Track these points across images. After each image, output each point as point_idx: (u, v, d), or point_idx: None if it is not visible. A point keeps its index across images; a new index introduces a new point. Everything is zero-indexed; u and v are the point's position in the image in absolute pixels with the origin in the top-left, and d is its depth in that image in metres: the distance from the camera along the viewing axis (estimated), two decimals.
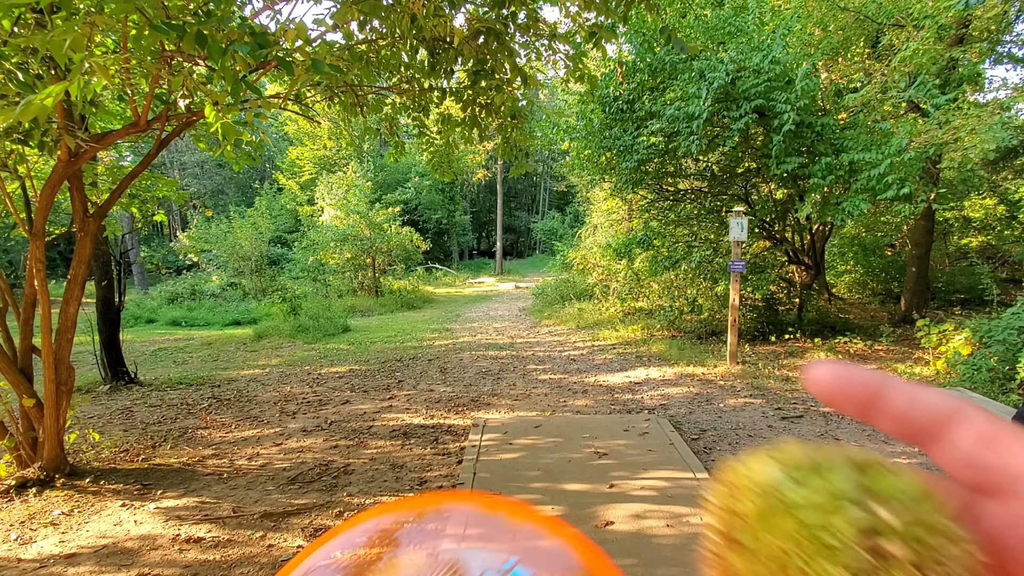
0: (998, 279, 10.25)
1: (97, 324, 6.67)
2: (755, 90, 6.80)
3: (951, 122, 6.49)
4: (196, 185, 30.06)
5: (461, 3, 4.00)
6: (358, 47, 3.92)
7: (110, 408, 5.89)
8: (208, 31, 2.37)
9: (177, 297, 16.78)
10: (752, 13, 7.61)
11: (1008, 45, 9.81)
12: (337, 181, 18.91)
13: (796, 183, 7.77)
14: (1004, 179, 11.96)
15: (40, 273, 3.70)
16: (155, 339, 11.07)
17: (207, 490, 3.80)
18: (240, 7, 4.24)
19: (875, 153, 6.38)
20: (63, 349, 3.88)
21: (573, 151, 9.53)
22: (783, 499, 0.23)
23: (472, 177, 33.50)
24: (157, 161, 17.69)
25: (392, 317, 13.99)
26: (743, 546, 0.24)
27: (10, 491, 3.72)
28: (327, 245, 17.41)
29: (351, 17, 3.51)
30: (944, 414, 0.27)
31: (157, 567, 2.88)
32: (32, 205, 3.90)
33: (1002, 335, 5.77)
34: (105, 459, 4.36)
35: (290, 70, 2.71)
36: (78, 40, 2.12)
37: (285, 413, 5.58)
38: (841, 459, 0.24)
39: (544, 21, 4.42)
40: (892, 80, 7.03)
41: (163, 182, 6.42)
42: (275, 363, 8.25)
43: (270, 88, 5.18)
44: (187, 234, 18.81)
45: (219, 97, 2.77)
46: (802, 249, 9.26)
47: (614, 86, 8.36)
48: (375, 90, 4.80)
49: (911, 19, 7.32)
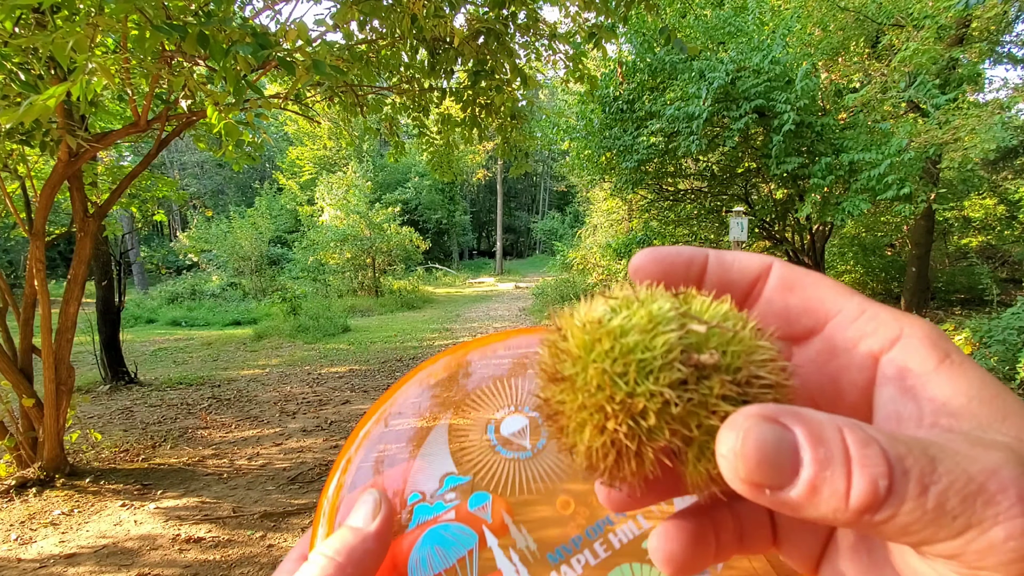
0: (998, 279, 10.25)
1: (97, 324, 6.67)
2: (755, 90, 6.80)
3: (951, 122, 6.49)
4: (196, 185, 30.06)
5: (461, 3, 4.00)
6: (358, 47, 3.92)
7: (110, 408, 5.89)
8: (210, 32, 2.37)
9: (177, 297, 16.78)
10: (752, 13, 7.61)
11: (1008, 45, 9.82)
12: (337, 181, 18.91)
13: (796, 183, 7.77)
14: (1004, 179, 11.96)
15: (40, 273, 3.70)
16: (155, 339, 11.07)
17: (207, 490, 3.80)
18: (241, 7, 4.24)
19: (875, 153, 6.38)
20: (63, 349, 3.88)
21: (573, 151, 9.53)
22: (606, 328, 0.23)
23: (472, 177, 33.50)
24: (157, 161, 17.65)
25: (392, 317, 13.99)
26: (569, 380, 0.24)
27: (10, 491, 3.72)
28: (327, 245, 17.41)
29: (351, 17, 3.51)
30: (755, 273, 0.28)
31: (157, 567, 2.88)
32: (32, 205, 3.90)
33: (1002, 335, 5.77)
34: (105, 459, 4.36)
35: (291, 70, 2.71)
36: (81, 41, 2.12)
37: (285, 413, 5.58)
38: (662, 292, 0.25)
39: (544, 21, 4.42)
40: (892, 80, 7.03)
41: (163, 182, 6.42)
42: (275, 363, 8.24)
43: (270, 88, 5.18)
44: (187, 234, 18.81)
45: (220, 97, 2.77)
46: (802, 249, 9.26)
47: (614, 86, 8.36)
48: (375, 90, 4.80)
49: (911, 19, 7.31)
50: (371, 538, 0.30)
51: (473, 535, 0.33)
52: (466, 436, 0.36)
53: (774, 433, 0.19)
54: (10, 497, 3.66)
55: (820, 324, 0.26)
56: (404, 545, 0.33)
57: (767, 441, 0.19)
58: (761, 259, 0.27)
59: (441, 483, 0.35)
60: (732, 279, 0.28)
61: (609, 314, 0.23)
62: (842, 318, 0.25)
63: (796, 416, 0.20)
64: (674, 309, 0.23)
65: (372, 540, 0.30)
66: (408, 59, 4.48)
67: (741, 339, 0.23)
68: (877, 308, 0.25)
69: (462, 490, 0.35)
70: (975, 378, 0.22)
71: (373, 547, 0.30)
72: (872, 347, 0.24)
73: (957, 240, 13.20)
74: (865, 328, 0.24)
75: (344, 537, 0.30)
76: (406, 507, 0.34)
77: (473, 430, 0.37)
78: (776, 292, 0.27)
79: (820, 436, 0.19)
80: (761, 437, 0.19)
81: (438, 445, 0.36)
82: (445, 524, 0.34)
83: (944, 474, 0.18)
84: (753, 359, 0.23)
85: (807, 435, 0.19)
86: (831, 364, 0.25)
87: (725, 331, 0.23)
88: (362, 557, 0.29)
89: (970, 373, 0.22)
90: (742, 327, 0.24)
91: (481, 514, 0.34)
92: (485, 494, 0.35)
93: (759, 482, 0.19)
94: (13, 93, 2.77)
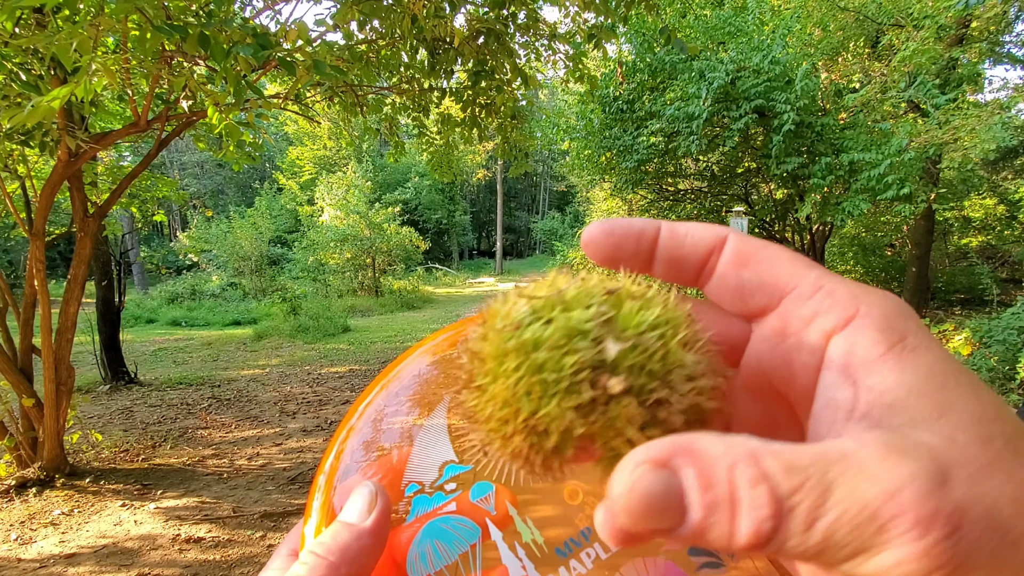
0: (998, 279, 10.24)
1: (97, 324, 6.67)
2: (755, 90, 6.80)
3: (951, 122, 6.49)
4: (196, 185, 30.06)
5: (461, 3, 4.00)
6: (358, 47, 3.92)
7: (110, 408, 5.89)
8: (211, 33, 2.37)
9: (177, 297, 16.78)
10: (752, 13, 7.61)
11: (1008, 45, 9.82)
12: (337, 181, 18.91)
13: (796, 183, 7.77)
14: (1004, 179, 11.96)
15: (40, 273, 3.70)
16: (155, 339, 11.07)
17: (207, 490, 3.80)
18: (242, 8, 4.24)
19: (875, 153, 6.38)
20: (63, 349, 3.88)
21: (573, 151, 9.53)
22: (519, 339, 0.22)
23: (472, 177, 33.50)
24: (157, 161, 17.64)
25: (392, 317, 13.99)
26: (481, 388, 0.23)
27: (10, 491, 3.72)
28: (327, 245, 17.41)
29: (351, 18, 3.51)
30: (707, 246, 0.26)
31: (157, 567, 2.88)
32: (32, 205, 3.90)
33: (1002, 335, 5.77)
34: (105, 459, 4.36)
35: (292, 71, 2.71)
36: (84, 42, 2.12)
37: (285, 413, 5.58)
38: (597, 293, 0.23)
39: (544, 21, 4.43)
40: (892, 80, 7.03)
41: (163, 182, 6.42)
42: (275, 363, 8.24)
43: (270, 88, 5.18)
44: (187, 234, 18.81)
45: (220, 98, 2.77)
46: (802, 249, 9.25)
47: (614, 86, 8.36)
48: (375, 90, 4.80)
49: (911, 19, 7.31)
50: (366, 535, 0.28)
51: (476, 528, 0.31)
52: None
53: (661, 481, 0.19)
54: (10, 497, 3.66)
55: (775, 300, 0.25)
56: (402, 539, 0.31)
57: (654, 493, 0.19)
58: (715, 231, 0.26)
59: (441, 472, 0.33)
60: (684, 253, 0.26)
61: (528, 318, 0.22)
62: (798, 294, 0.24)
63: (687, 457, 0.19)
64: (597, 318, 0.22)
65: (368, 537, 0.28)
66: (408, 59, 4.48)
67: (664, 356, 0.22)
68: (835, 283, 0.23)
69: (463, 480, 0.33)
70: (924, 367, 0.21)
71: (369, 544, 0.28)
72: (824, 327, 0.23)
73: (957, 240, 13.20)
74: (820, 306, 0.23)
75: (337, 534, 0.27)
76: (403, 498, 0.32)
77: None
78: (729, 267, 0.25)
79: (709, 479, 0.19)
80: (647, 489, 0.19)
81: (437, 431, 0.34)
82: (445, 516, 0.32)
83: (835, 505, 0.18)
84: (671, 379, 0.22)
85: (696, 478, 0.19)
86: (784, 344, 0.24)
87: (647, 347, 0.22)
88: (357, 555, 0.27)
89: (920, 361, 0.21)
90: (671, 336, 0.22)
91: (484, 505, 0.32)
92: (488, 484, 0.33)
93: (649, 529, 0.20)
94: (14, 94, 2.77)
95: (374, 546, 0.28)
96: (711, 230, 0.26)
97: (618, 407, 0.21)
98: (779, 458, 0.19)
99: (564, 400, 0.21)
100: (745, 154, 8.36)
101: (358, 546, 0.27)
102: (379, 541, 0.28)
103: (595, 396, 0.21)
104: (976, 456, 0.19)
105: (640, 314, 0.22)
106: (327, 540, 0.27)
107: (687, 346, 0.23)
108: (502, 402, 0.22)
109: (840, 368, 0.22)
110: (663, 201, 9.92)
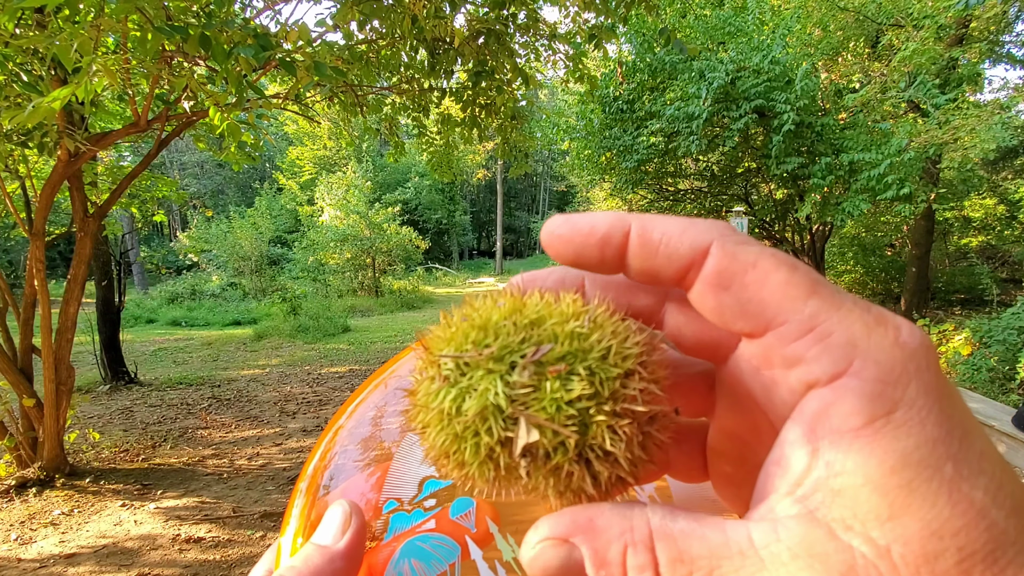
0: (998, 279, 10.25)
1: (97, 324, 6.67)
2: (755, 90, 6.80)
3: (951, 122, 6.49)
4: (196, 185, 30.05)
5: (461, 3, 4.00)
6: (358, 47, 3.92)
7: (110, 408, 5.89)
8: (212, 34, 2.37)
9: (177, 297, 16.78)
10: (752, 13, 7.61)
11: (1008, 46, 9.82)
12: (337, 181, 18.91)
13: (796, 183, 7.77)
14: (1004, 179, 11.96)
15: (40, 273, 3.70)
16: (155, 339, 11.07)
17: (207, 490, 3.80)
18: (243, 8, 4.24)
19: (875, 153, 6.38)
20: (63, 349, 3.88)
21: (573, 151, 9.53)
22: (440, 406, 0.23)
23: (472, 177, 33.49)
24: (157, 161, 17.60)
25: (392, 317, 13.98)
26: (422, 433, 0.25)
27: (10, 491, 3.72)
28: (327, 245, 17.41)
29: (351, 18, 3.51)
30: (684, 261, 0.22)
31: (157, 567, 2.88)
32: (32, 205, 3.90)
33: (1002, 335, 5.77)
34: (105, 459, 4.36)
35: (293, 72, 2.71)
36: (85, 44, 2.12)
37: (285, 413, 5.58)
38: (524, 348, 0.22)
39: (544, 21, 4.43)
40: (892, 80, 7.04)
41: (163, 182, 6.41)
42: (275, 363, 8.24)
43: (270, 88, 5.18)
44: (187, 234, 18.81)
45: (221, 98, 2.77)
46: (802, 249, 9.25)
47: (614, 86, 8.36)
48: (375, 90, 4.80)
49: (911, 19, 7.31)
50: (339, 557, 0.26)
51: (455, 547, 0.31)
52: None
53: (560, 557, 0.21)
54: (10, 497, 3.66)
55: (758, 331, 0.21)
56: (379, 559, 0.30)
57: (552, 567, 0.21)
58: (693, 240, 0.22)
59: (420, 488, 0.33)
60: (657, 265, 0.23)
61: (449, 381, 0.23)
62: (784, 332, 0.20)
63: (585, 535, 0.21)
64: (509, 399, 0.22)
65: (340, 560, 0.26)
66: (408, 59, 4.48)
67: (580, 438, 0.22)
68: (834, 322, 0.19)
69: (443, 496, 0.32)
70: (897, 452, 0.17)
71: (341, 567, 0.26)
72: (806, 376, 0.20)
73: (957, 240, 13.20)
74: (808, 351, 0.20)
75: (309, 557, 0.26)
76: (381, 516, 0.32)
77: None
78: (708, 288, 0.22)
79: (602, 559, 0.20)
80: (547, 563, 0.21)
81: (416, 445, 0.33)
82: (424, 535, 0.31)
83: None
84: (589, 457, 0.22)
85: (591, 557, 0.20)
86: (765, 373, 0.22)
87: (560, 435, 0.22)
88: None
89: (897, 444, 0.17)
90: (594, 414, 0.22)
91: (464, 522, 0.32)
92: (469, 500, 0.32)
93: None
94: (14, 94, 2.77)
95: (347, 569, 0.27)
96: (689, 238, 0.22)
97: (534, 478, 0.22)
98: (671, 546, 0.19)
99: (481, 467, 0.23)
100: (745, 154, 8.36)
101: (330, 570, 0.26)
102: (353, 564, 0.27)
103: (509, 466, 0.22)
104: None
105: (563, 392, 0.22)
106: (298, 564, 0.26)
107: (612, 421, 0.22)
108: (435, 447, 0.24)
109: (806, 430, 0.19)
110: (663, 201, 9.92)
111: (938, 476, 0.17)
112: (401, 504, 0.32)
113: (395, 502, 0.32)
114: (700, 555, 0.18)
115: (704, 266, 0.22)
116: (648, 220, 0.23)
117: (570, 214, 0.24)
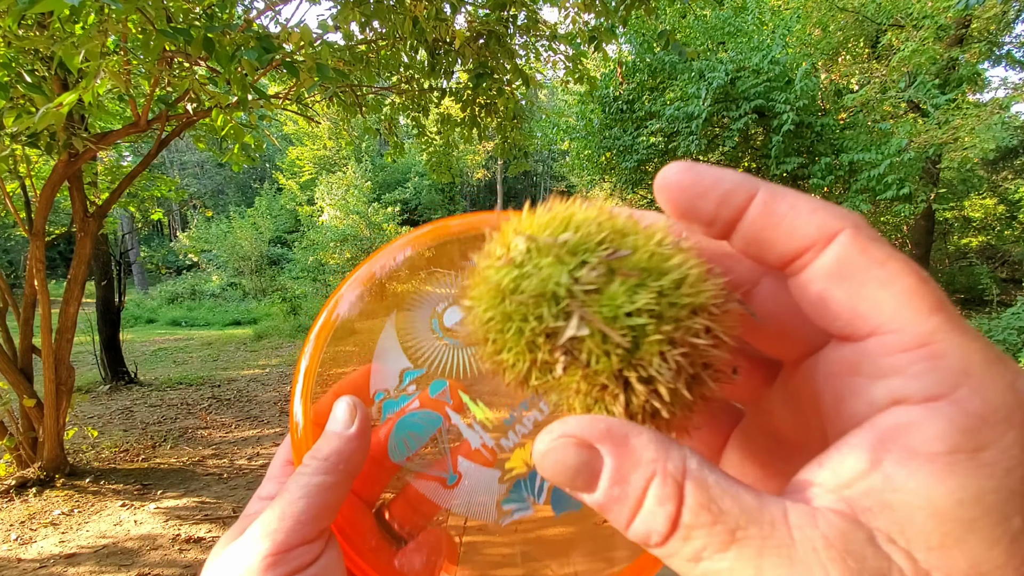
0: (998, 279, 10.25)
1: (97, 324, 6.67)
2: (755, 90, 6.80)
3: (951, 122, 6.50)
4: (196, 185, 30.04)
5: (461, 4, 4.00)
6: (358, 48, 3.92)
7: (110, 408, 5.89)
8: (215, 36, 2.37)
9: (177, 297, 16.78)
10: (752, 13, 7.61)
11: (1007, 46, 9.82)
12: (337, 181, 18.90)
13: (796, 183, 7.77)
14: (1004, 179, 11.96)
15: (40, 273, 3.70)
16: (155, 339, 11.07)
17: (207, 490, 3.80)
18: (246, 11, 4.25)
19: (875, 153, 6.38)
20: (63, 349, 3.88)
21: (573, 151, 9.53)
22: (499, 282, 0.23)
23: (472, 177, 33.49)
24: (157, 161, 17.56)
25: None
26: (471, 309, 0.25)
27: (10, 491, 3.72)
28: (327, 245, 17.39)
29: (352, 19, 3.51)
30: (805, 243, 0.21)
31: (157, 567, 2.88)
32: (32, 205, 3.90)
33: (1002, 335, 5.77)
34: (105, 459, 4.36)
35: (295, 73, 2.71)
36: (92, 49, 2.13)
37: (285, 413, 5.58)
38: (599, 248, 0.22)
39: (544, 22, 4.43)
40: (892, 80, 7.04)
41: (163, 182, 6.42)
42: (275, 363, 8.25)
43: (270, 88, 5.18)
44: (187, 234, 18.82)
45: (222, 99, 2.77)
46: None
47: (614, 86, 8.36)
48: (375, 90, 4.80)
49: (910, 19, 7.32)
50: (354, 438, 0.32)
51: (438, 417, 0.38)
52: (414, 333, 0.40)
53: (576, 459, 0.20)
54: (10, 497, 3.66)
55: (860, 334, 0.20)
56: (380, 436, 0.37)
57: (565, 466, 0.20)
58: (822, 223, 0.20)
59: (401, 378, 0.39)
60: (774, 238, 0.21)
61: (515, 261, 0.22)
62: (893, 340, 0.19)
63: (614, 448, 0.20)
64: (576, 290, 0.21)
65: (355, 440, 0.32)
66: (408, 60, 4.48)
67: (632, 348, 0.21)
68: (953, 344, 0.18)
69: (421, 381, 0.39)
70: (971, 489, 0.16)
71: (357, 445, 0.32)
72: (899, 391, 0.18)
73: (957, 240, 13.20)
74: (911, 367, 0.18)
75: (331, 442, 0.32)
76: (374, 404, 0.39)
77: (419, 327, 0.40)
78: (824, 275, 0.20)
79: (622, 476, 0.19)
80: (560, 460, 0.20)
81: (390, 343, 0.41)
82: (412, 412, 0.38)
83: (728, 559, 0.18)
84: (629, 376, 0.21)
85: (612, 469, 0.20)
86: (845, 380, 0.20)
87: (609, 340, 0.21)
88: (350, 456, 0.32)
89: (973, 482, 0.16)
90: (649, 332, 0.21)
91: (442, 398, 0.38)
92: (442, 381, 0.39)
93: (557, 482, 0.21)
94: (18, 95, 2.77)
95: (362, 446, 0.33)
96: (819, 218, 0.20)
97: (568, 377, 0.22)
98: (703, 492, 0.18)
99: (519, 355, 0.23)
100: (745, 154, 8.36)
101: (349, 448, 0.32)
102: (365, 443, 0.33)
103: (547, 361, 0.22)
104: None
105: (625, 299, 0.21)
106: (322, 447, 0.32)
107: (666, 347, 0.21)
108: (480, 326, 0.24)
109: (874, 440, 0.18)
110: None
111: (1004, 525, 0.16)
112: (388, 393, 0.39)
113: (383, 392, 0.39)
114: (729, 511, 0.18)
115: (826, 251, 0.20)
116: (779, 189, 0.21)
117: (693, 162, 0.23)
